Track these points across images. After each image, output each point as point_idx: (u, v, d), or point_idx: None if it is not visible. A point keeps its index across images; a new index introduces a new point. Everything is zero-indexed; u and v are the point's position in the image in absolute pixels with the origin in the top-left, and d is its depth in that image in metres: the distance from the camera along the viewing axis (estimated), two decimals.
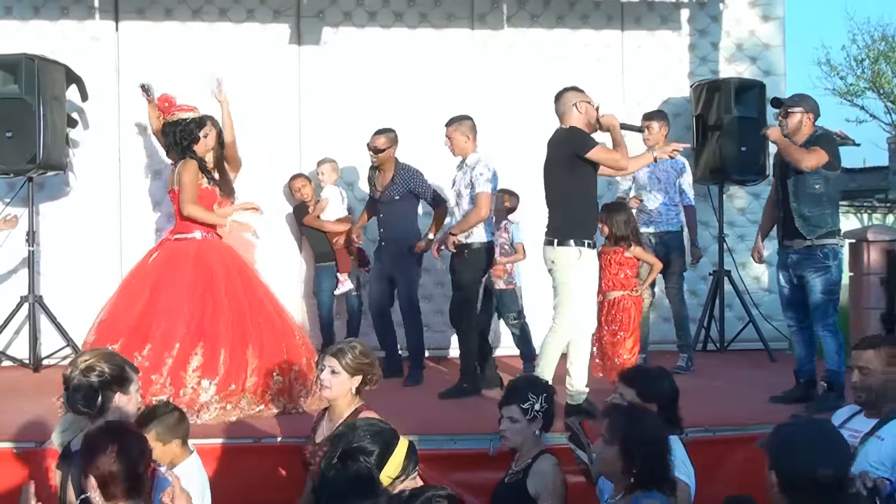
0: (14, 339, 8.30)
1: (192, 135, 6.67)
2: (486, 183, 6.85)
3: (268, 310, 6.51)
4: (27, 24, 8.58)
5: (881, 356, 4.27)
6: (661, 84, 9.19)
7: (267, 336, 6.31)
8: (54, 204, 8.57)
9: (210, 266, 6.42)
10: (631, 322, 6.83)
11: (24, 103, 7.65)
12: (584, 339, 6.11)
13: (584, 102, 6.05)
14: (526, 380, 4.90)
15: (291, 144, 8.70)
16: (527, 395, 4.55)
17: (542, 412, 4.53)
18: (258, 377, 6.11)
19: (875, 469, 3.91)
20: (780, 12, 9.35)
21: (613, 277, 6.89)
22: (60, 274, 8.36)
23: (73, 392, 3.88)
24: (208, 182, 6.67)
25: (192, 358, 6.01)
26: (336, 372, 4.43)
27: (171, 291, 6.28)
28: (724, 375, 7.64)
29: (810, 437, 2.98)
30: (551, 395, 4.66)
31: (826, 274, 6.22)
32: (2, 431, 5.58)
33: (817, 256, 6.24)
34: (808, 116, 6.28)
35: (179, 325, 6.12)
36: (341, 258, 8.20)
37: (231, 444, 5.48)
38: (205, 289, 6.30)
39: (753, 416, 6.04)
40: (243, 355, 6.14)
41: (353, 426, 3.39)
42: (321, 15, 8.85)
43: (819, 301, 6.23)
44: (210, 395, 5.94)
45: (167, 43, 8.66)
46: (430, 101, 8.44)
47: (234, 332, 6.18)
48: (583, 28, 9.18)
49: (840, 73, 26.45)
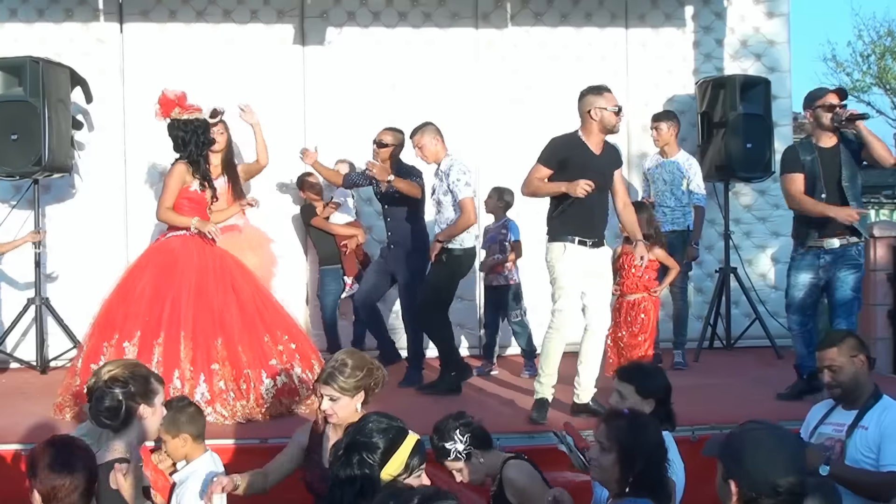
0: (21, 341, 8.33)
1: (211, 140, 6.68)
2: (465, 188, 6.87)
3: (268, 306, 6.47)
4: (32, 26, 8.59)
5: (844, 351, 4.40)
6: (665, 81, 9.18)
7: (247, 332, 6.23)
8: (60, 206, 8.59)
9: (181, 260, 6.32)
10: (650, 324, 6.83)
11: (29, 106, 7.66)
12: (596, 339, 6.13)
13: (599, 110, 6.03)
14: (434, 432, 4.37)
15: (296, 145, 8.67)
16: (444, 449, 4.28)
17: (469, 445, 4.26)
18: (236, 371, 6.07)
19: (866, 457, 4.19)
20: (785, 8, 9.33)
21: (635, 279, 6.87)
22: (67, 276, 8.38)
23: (97, 403, 3.80)
24: (200, 186, 6.54)
25: (154, 349, 5.95)
26: (334, 399, 4.18)
27: (155, 287, 6.21)
28: (731, 372, 7.63)
29: (770, 445, 2.88)
30: (461, 421, 4.33)
31: (860, 272, 6.36)
32: (10, 433, 5.60)
33: (852, 254, 6.32)
34: None
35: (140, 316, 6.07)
36: (349, 262, 8.14)
37: (238, 445, 5.49)
38: (170, 283, 6.20)
39: (760, 414, 6.03)
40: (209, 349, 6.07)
41: (365, 419, 3.36)
42: (325, 15, 8.86)
43: (849, 297, 6.30)
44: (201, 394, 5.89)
45: (172, 44, 8.67)
46: (435, 100, 8.45)
47: (196, 325, 6.10)
48: (587, 26, 9.17)
49: (846, 69, 26.44)
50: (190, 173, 6.50)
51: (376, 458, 3.19)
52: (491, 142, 8.72)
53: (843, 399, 4.44)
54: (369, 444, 3.21)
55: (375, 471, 3.17)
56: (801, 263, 6.48)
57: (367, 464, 3.17)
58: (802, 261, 6.47)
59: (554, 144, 6.12)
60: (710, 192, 8.93)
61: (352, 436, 3.28)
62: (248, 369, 6.10)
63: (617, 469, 3.42)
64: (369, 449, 3.20)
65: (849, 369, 4.38)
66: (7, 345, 8.07)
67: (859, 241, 6.35)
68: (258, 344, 6.24)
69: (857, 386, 4.38)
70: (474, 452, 4.27)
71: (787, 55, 9.33)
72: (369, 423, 3.30)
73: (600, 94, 6.07)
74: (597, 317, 6.12)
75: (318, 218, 8.17)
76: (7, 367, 8.18)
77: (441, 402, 6.57)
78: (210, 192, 6.62)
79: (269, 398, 6.10)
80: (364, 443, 3.22)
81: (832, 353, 4.42)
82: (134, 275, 6.36)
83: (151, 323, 6.04)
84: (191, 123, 6.53)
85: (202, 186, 6.55)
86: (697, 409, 6.09)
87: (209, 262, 6.39)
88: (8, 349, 8.12)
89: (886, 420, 4.26)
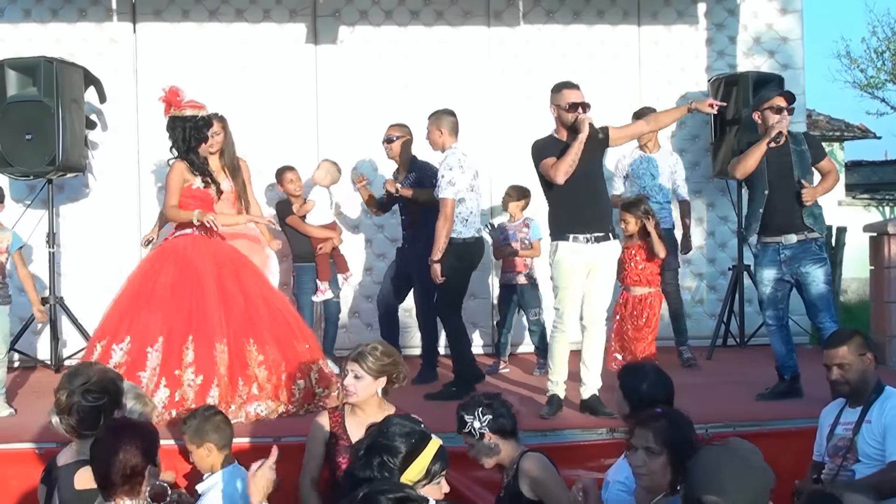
0: (36, 340, 8.38)
1: (202, 135, 6.50)
2: (447, 187, 6.74)
3: (274, 306, 6.42)
4: (46, 27, 8.64)
5: (853, 349, 4.59)
6: (678, 79, 9.15)
7: (271, 332, 6.21)
8: (74, 206, 8.64)
9: (198, 261, 6.26)
10: (654, 318, 6.82)
11: (43, 106, 7.69)
12: (594, 337, 6.12)
13: (554, 107, 6.08)
14: (460, 405, 4.49)
15: (309, 144, 8.71)
16: (463, 420, 4.36)
17: (486, 426, 4.31)
18: (270, 373, 6.05)
19: (875, 450, 4.40)
20: (799, 5, 9.30)
21: (638, 272, 6.87)
22: (81, 275, 8.41)
23: (74, 416, 3.86)
24: (203, 183, 6.48)
25: (185, 353, 5.91)
26: (359, 376, 4.43)
27: (157, 287, 6.17)
28: (744, 370, 7.61)
29: (713, 464, 2.85)
30: (489, 404, 4.38)
31: (825, 265, 6.37)
32: (24, 432, 5.63)
33: (813, 248, 6.34)
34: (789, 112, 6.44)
35: (164, 319, 6.02)
36: (322, 265, 7.91)
37: (252, 444, 5.50)
38: (193, 284, 6.15)
39: (773, 411, 6.04)
40: (242, 351, 6.04)
41: (389, 421, 3.35)
42: (337, 14, 8.87)
43: (823, 292, 6.30)
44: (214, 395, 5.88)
45: (184, 44, 8.70)
46: (447, 98, 8.39)
47: (230, 328, 6.06)
48: (599, 24, 9.15)
49: (860, 65, 26.20)
50: (189, 171, 6.44)
51: (397, 462, 3.16)
52: (503, 140, 8.71)
53: (850, 396, 4.61)
54: (391, 447, 3.18)
55: (395, 475, 3.13)
56: (763, 260, 6.53)
57: (387, 467, 3.14)
58: (764, 257, 6.52)
59: (540, 146, 6.13)
60: (724, 189, 8.92)
61: (374, 437, 3.25)
62: (282, 372, 6.12)
63: (669, 470, 3.41)
64: (391, 452, 3.17)
65: (858, 367, 4.57)
66: (22, 344, 8.10)
67: (819, 237, 6.38)
68: (289, 345, 6.26)
69: (864, 383, 4.57)
70: (489, 435, 4.31)
71: (800, 52, 9.29)
72: (392, 425, 3.28)
73: (558, 92, 6.08)
74: (593, 313, 6.11)
75: (294, 217, 7.88)
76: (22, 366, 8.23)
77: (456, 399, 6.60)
78: (214, 188, 6.56)
79: (298, 398, 6.12)
80: (386, 445, 3.19)
81: (843, 351, 4.58)
82: (147, 276, 6.30)
83: (178, 327, 5.99)
84: (178, 120, 6.45)
85: (205, 183, 6.50)
86: (710, 406, 6.08)
87: (224, 261, 6.37)
88: (22, 348, 8.15)
89: (888, 410, 4.45)
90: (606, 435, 5.60)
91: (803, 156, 6.39)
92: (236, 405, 5.87)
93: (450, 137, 6.97)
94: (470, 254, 6.99)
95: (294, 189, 7.97)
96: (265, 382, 6.04)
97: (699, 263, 9.12)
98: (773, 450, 5.05)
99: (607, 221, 6.16)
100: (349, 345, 8.19)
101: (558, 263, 6.02)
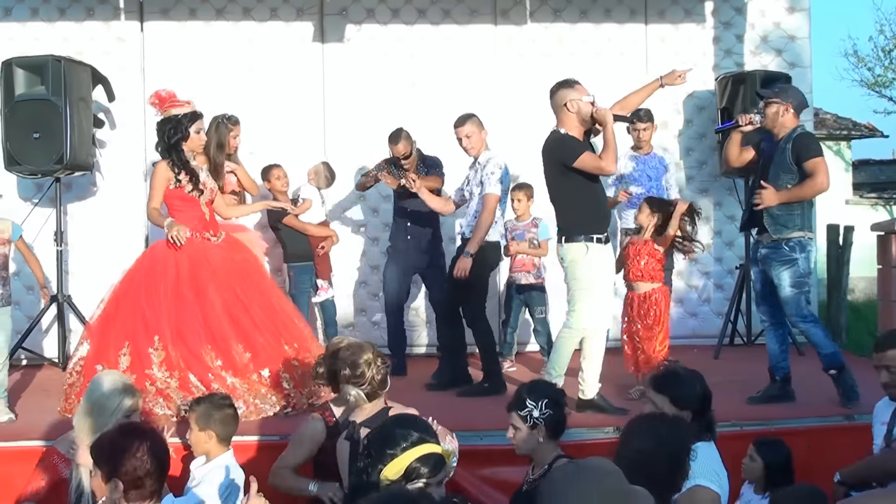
0: (44, 338, 8.40)
1: (181, 132, 6.25)
2: (496, 183, 6.83)
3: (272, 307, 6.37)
4: (53, 25, 8.66)
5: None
6: None
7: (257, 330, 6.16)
8: (82, 204, 8.66)
9: (183, 263, 6.17)
10: (662, 315, 6.80)
11: (51, 104, 7.71)
12: (598, 336, 6.14)
13: (575, 101, 6.00)
14: (528, 385, 4.41)
15: (315, 142, 8.72)
16: (524, 402, 4.23)
17: (543, 418, 4.19)
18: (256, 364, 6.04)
19: None
20: (806, 3, 9.28)
21: (642, 268, 6.85)
22: (88, 273, 8.42)
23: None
24: (177, 182, 6.24)
25: (152, 353, 5.88)
26: None
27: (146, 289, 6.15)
28: (751, 369, 7.58)
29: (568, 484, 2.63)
30: (556, 400, 4.29)
31: (792, 266, 6.12)
32: (33, 430, 5.65)
33: (783, 250, 6.15)
34: (785, 108, 6.19)
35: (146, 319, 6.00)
36: (323, 264, 7.92)
37: (260, 442, 5.51)
38: (178, 286, 6.10)
39: (781, 411, 6.03)
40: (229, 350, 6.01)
41: (391, 418, 3.39)
42: (344, 12, 8.88)
43: (789, 295, 6.13)
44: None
45: (192, 42, 8.72)
46: (454, 97, 8.44)
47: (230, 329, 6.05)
48: (606, 22, 9.15)
49: (867, 64, 26.10)
50: (170, 168, 6.24)
51: (382, 455, 3.18)
52: (510, 138, 8.69)
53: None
54: (383, 440, 3.22)
55: (376, 468, 3.16)
56: (753, 255, 6.49)
57: (373, 460, 3.18)
58: (753, 253, 6.47)
59: (573, 143, 6.02)
60: (731, 188, 8.91)
61: (376, 431, 3.29)
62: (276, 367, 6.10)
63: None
64: (385, 444, 3.21)
65: None
66: (29, 342, 8.11)
67: (791, 238, 6.12)
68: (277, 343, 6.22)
69: None
70: (541, 428, 4.20)
71: (807, 50, 9.27)
72: (390, 421, 3.33)
73: (572, 87, 6.06)
74: (599, 315, 6.12)
75: (290, 217, 7.79)
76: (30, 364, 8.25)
77: (467, 398, 6.63)
78: (199, 192, 6.31)
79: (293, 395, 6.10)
80: (378, 439, 3.24)
81: (891, 354, 4.49)
82: (150, 273, 6.25)
83: (176, 325, 5.99)
84: (162, 122, 6.32)
85: (177, 182, 6.24)
86: (718, 406, 6.02)
87: (203, 264, 6.25)
88: (30, 346, 8.17)
89: None
90: (613, 433, 5.59)
91: (783, 155, 6.15)
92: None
93: (485, 140, 7.05)
94: (494, 255, 7.07)
95: (280, 186, 7.94)
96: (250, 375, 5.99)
97: (706, 262, 9.11)
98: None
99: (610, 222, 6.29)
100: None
101: (591, 262, 6.00)
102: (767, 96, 6.33)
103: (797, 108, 6.24)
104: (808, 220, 6.25)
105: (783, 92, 6.32)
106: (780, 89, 6.41)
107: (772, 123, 6.24)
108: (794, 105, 6.21)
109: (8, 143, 7.79)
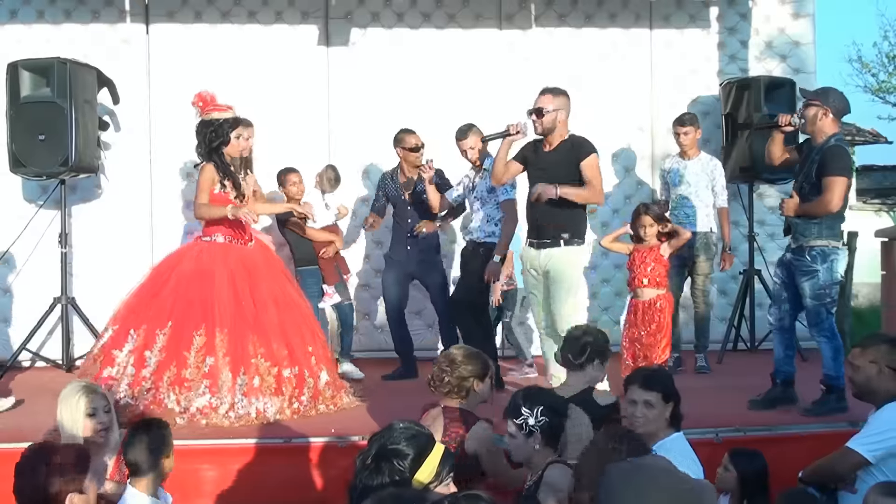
0: (47, 339, 8.40)
1: (222, 136, 6.44)
2: (510, 188, 6.96)
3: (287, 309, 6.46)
4: (59, 28, 8.66)
5: (868, 354, 4.59)
6: (689, 82, 9.14)
7: (279, 332, 6.27)
8: (86, 206, 8.66)
9: (210, 263, 6.34)
10: (665, 322, 6.81)
11: (56, 107, 7.72)
12: None
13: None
14: (524, 392, 4.28)
15: (320, 146, 8.72)
16: (520, 410, 4.12)
17: (539, 426, 4.08)
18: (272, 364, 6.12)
19: None
20: (811, 9, 9.28)
21: (647, 275, 6.86)
22: (93, 275, 8.43)
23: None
24: (222, 188, 6.43)
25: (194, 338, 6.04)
26: None
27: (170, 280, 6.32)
28: (754, 375, 7.57)
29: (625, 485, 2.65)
30: (553, 407, 4.17)
31: (812, 278, 6.03)
32: (36, 432, 5.64)
33: (805, 259, 6.07)
34: (824, 112, 6.02)
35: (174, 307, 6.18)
36: (327, 269, 7.86)
37: (262, 445, 5.51)
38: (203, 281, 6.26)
39: (783, 416, 6.02)
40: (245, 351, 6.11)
41: (391, 427, 3.30)
42: (349, 16, 8.89)
43: (809, 307, 6.08)
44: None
45: (197, 45, 8.72)
46: (458, 101, 8.46)
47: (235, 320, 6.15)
48: (611, 27, 9.15)
49: (871, 70, 26.12)
50: (218, 175, 6.42)
51: (406, 464, 3.13)
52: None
53: (859, 398, 4.72)
54: (399, 451, 3.15)
55: (406, 477, 3.11)
56: (780, 259, 6.44)
57: (397, 471, 3.11)
58: (782, 256, 6.43)
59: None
60: (735, 193, 8.90)
61: (378, 443, 3.22)
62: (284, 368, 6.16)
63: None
64: (400, 456, 3.14)
65: (865, 373, 4.57)
66: (33, 344, 8.12)
67: (815, 246, 6.03)
68: (298, 345, 6.33)
69: (869, 391, 4.61)
70: (536, 436, 4.11)
71: (812, 56, 9.27)
72: (396, 430, 3.25)
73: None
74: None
75: (296, 220, 7.75)
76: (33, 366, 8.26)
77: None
78: (234, 193, 6.47)
79: (307, 397, 6.18)
80: (394, 450, 3.16)
81: (855, 353, 4.64)
82: (166, 268, 6.45)
83: (188, 314, 6.12)
84: (203, 125, 6.48)
85: (223, 187, 6.43)
86: (722, 411, 6.08)
87: (236, 265, 6.39)
88: (34, 348, 8.18)
89: (879, 414, 4.52)
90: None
91: (811, 166, 6.05)
92: (240, 395, 5.95)
93: (485, 146, 7.16)
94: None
95: (296, 192, 7.88)
96: (266, 375, 6.05)
97: None
98: (784, 452, 5.09)
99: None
100: (360, 347, 8.26)
101: (582, 265, 6.32)
102: (808, 97, 6.17)
103: (836, 113, 6.04)
104: (832, 230, 6.07)
105: (824, 94, 6.10)
106: (822, 91, 6.17)
107: (810, 126, 6.09)
108: (833, 111, 6.02)
109: (13, 145, 7.80)
